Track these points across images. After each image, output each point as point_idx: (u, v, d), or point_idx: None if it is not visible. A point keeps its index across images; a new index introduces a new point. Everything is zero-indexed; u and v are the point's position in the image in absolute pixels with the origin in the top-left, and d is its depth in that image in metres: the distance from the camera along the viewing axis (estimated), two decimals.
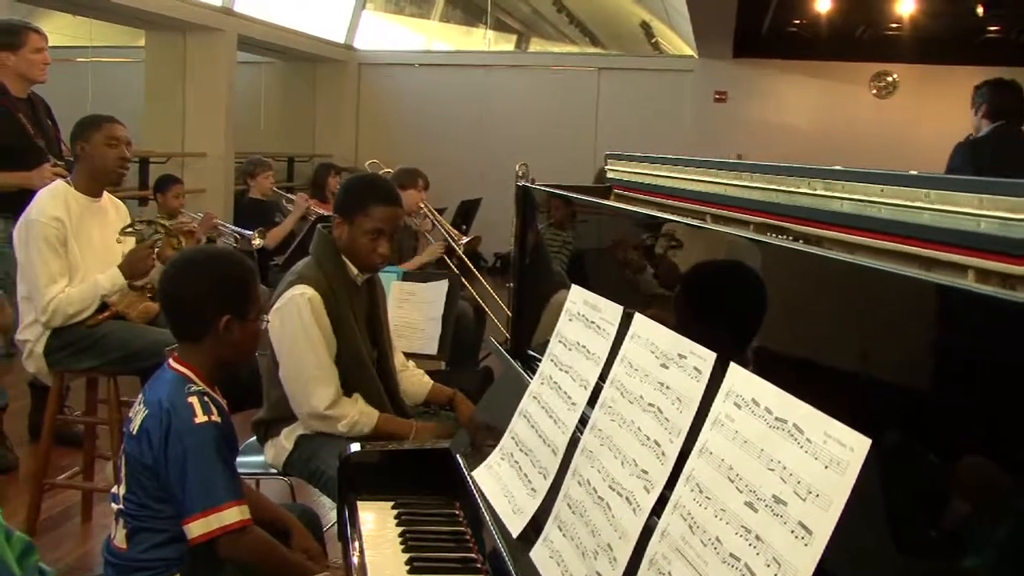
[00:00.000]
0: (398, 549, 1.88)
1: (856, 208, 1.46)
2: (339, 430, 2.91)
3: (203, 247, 3.77)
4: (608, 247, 2.04)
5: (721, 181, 1.85)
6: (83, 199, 3.82)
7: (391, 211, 3.01)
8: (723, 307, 1.45)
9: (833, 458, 1.01)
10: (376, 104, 12.90)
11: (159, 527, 2.24)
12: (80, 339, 3.76)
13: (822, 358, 1.19)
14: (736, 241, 1.44)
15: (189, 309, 2.31)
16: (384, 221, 2.97)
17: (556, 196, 2.32)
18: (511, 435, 1.86)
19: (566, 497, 1.54)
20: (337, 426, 2.92)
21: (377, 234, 2.96)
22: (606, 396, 1.54)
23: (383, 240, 2.98)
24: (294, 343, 2.91)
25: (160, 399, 2.23)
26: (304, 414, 2.95)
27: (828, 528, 0.99)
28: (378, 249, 2.97)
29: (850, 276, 1.14)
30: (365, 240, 2.96)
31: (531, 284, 2.42)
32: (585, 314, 1.76)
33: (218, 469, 2.19)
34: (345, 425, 2.91)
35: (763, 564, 1.04)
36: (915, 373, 1.02)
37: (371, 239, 2.96)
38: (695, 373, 1.33)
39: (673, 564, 1.18)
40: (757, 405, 1.15)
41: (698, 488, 1.20)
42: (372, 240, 2.96)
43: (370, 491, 2.14)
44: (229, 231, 6.46)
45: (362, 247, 2.97)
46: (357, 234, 2.96)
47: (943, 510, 0.96)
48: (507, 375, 2.21)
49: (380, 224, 2.96)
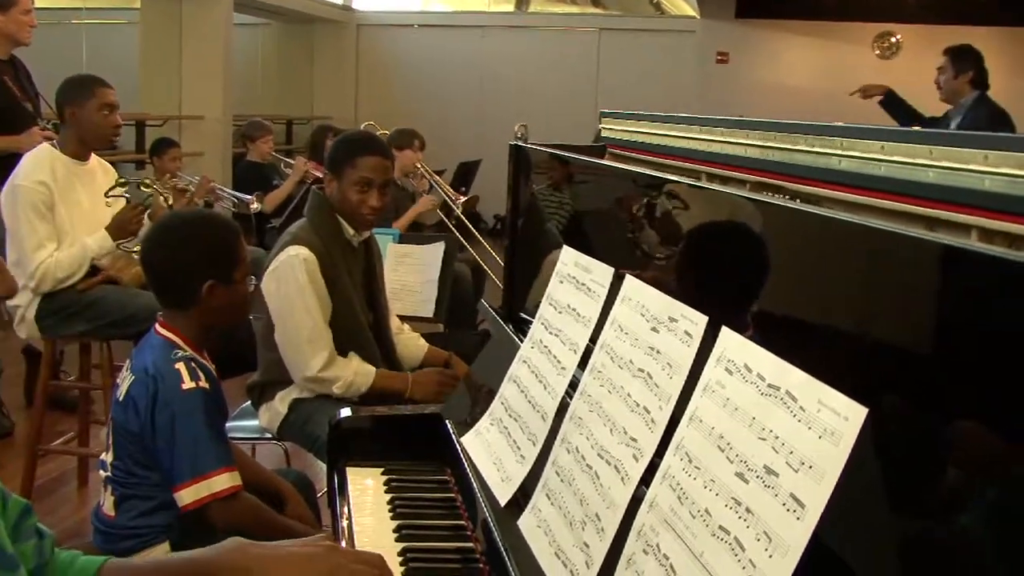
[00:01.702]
0: (387, 516, 1.85)
1: (856, 166, 1.41)
2: (335, 392, 2.89)
3: (184, 211, 3.72)
4: (603, 208, 1.99)
5: (717, 139, 1.80)
6: (70, 162, 3.76)
7: (377, 161, 2.97)
8: (717, 269, 1.41)
9: (827, 428, 0.97)
10: (375, 65, 12.79)
11: (147, 494, 2.22)
12: (71, 304, 3.73)
13: (818, 322, 1.15)
14: (731, 200, 1.39)
15: (172, 276, 2.27)
16: (371, 171, 2.94)
17: (550, 156, 2.26)
18: (501, 400, 1.81)
19: (555, 465, 1.51)
20: (332, 388, 2.90)
21: (366, 185, 2.93)
22: (596, 361, 1.50)
23: (373, 192, 2.94)
24: (289, 305, 2.88)
25: (146, 366, 2.19)
26: (300, 377, 2.93)
27: (821, 501, 0.94)
28: (368, 201, 2.94)
29: (848, 236, 1.09)
30: (354, 192, 2.93)
31: (524, 246, 2.38)
32: (576, 276, 1.71)
33: (206, 436, 2.16)
34: (340, 387, 2.89)
35: (753, 538, 1.00)
36: (916, 338, 0.97)
37: (359, 191, 2.93)
38: (686, 337, 1.28)
39: (661, 536, 1.14)
40: (749, 371, 1.10)
41: (687, 457, 1.15)
42: (361, 192, 2.93)
43: (360, 457, 2.10)
44: (227, 195, 6.40)
45: (352, 200, 2.94)
46: (346, 187, 2.94)
47: (944, 483, 0.92)
48: (499, 338, 2.17)
49: (367, 174, 2.93)
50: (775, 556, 0.97)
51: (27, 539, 1.28)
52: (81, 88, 3.81)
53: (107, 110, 3.79)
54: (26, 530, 1.29)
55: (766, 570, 0.97)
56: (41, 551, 1.31)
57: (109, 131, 3.84)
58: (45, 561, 1.31)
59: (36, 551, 1.29)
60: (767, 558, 0.97)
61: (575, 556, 1.33)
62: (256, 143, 7.31)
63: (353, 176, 2.92)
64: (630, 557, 1.19)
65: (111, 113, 3.81)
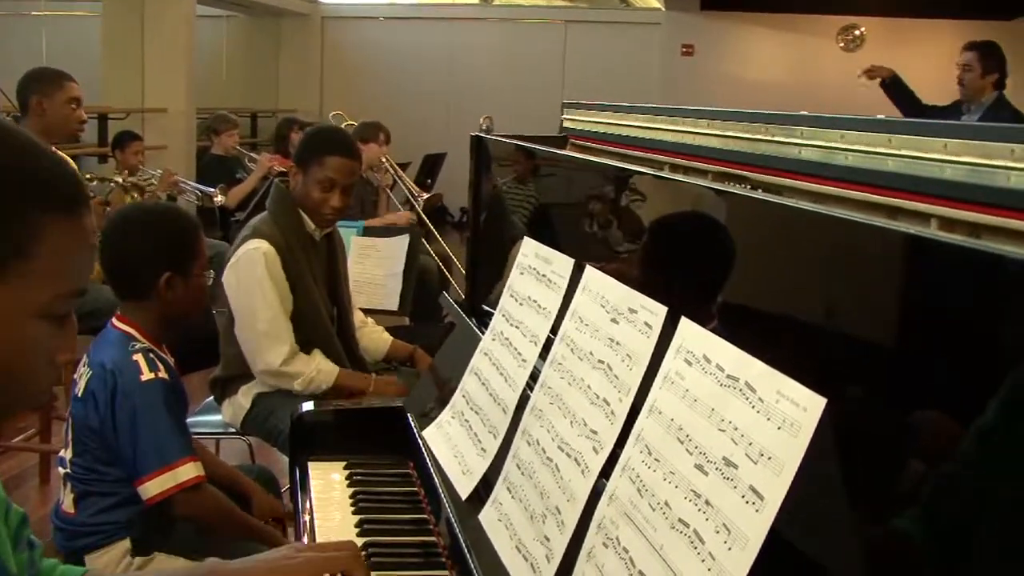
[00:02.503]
0: (348, 511, 1.83)
1: (817, 155, 1.41)
2: (295, 388, 2.87)
3: (142, 203, 3.69)
4: (567, 200, 1.98)
5: (678, 129, 1.79)
6: None
7: (346, 163, 2.94)
8: (677, 259, 1.40)
9: (786, 419, 0.96)
10: (340, 58, 12.70)
11: (107, 491, 2.19)
12: None
13: (779, 312, 1.14)
14: (692, 190, 1.39)
15: (129, 268, 2.25)
16: (338, 172, 2.91)
17: (515, 149, 2.25)
18: (462, 393, 1.80)
19: (515, 458, 1.49)
20: (293, 384, 2.87)
21: (330, 185, 2.91)
22: (556, 352, 1.48)
23: (336, 193, 2.92)
24: (248, 298, 2.85)
25: (103, 360, 2.17)
26: (259, 371, 2.90)
27: (780, 493, 0.93)
28: (330, 201, 2.92)
29: (809, 225, 1.08)
30: (317, 191, 2.90)
31: (488, 238, 2.36)
32: (536, 267, 1.70)
33: (169, 426, 2.14)
34: (301, 383, 2.86)
35: (712, 530, 0.99)
36: (877, 328, 0.97)
37: (323, 190, 2.90)
38: (645, 328, 1.27)
39: (621, 529, 1.13)
40: (708, 362, 1.09)
41: (647, 449, 1.14)
42: (324, 191, 2.91)
43: (322, 451, 2.08)
44: (190, 188, 6.34)
45: (314, 198, 2.92)
46: (310, 184, 2.91)
47: (904, 475, 0.91)
48: (461, 331, 2.15)
49: (333, 175, 2.90)
50: (734, 549, 0.96)
51: (23, 550, 1.28)
52: (50, 80, 3.77)
53: (74, 104, 3.77)
54: (23, 540, 1.28)
55: (725, 563, 0.96)
56: (33, 562, 1.30)
57: (75, 125, 3.84)
58: (36, 572, 1.31)
59: (28, 562, 1.29)
60: (726, 551, 0.97)
61: (536, 550, 1.32)
62: (221, 136, 7.25)
63: (318, 174, 2.90)
64: (590, 550, 1.18)
65: (78, 107, 3.79)
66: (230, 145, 7.24)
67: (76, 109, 3.78)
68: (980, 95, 5.24)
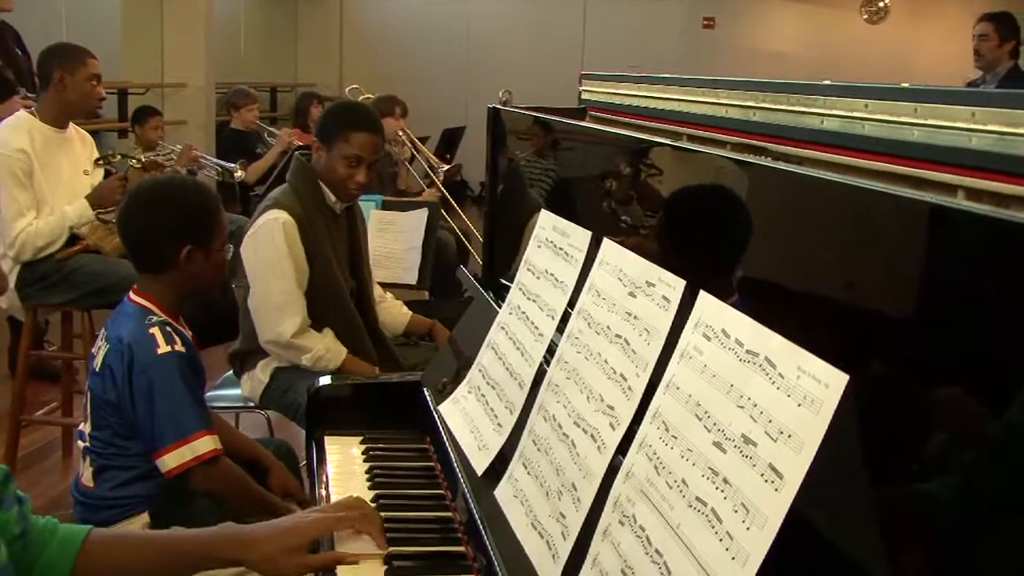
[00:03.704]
0: (364, 486, 1.82)
1: (839, 125, 1.37)
2: (303, 362, 2.87)
3: (163, 177, 3.68)
4: (585, 172, 1.96)
5: (698, 99, 1.76)
6: (48, 130, 3.71)
7: (371, 139, 2.94)
8: (696, 232, 1.37)
9: (807, 395, 0.93)
10: (360, 31, 12.64)
11: (126, 464, 2.19)
12: (51, 273, 3.69)
13: (800, 286, 1.11)
14: (711, 161, 1.36)
15: (150, 240, 2.24)
16: (363, 148, 2.90)
17: (533, 122, 2.22)
18: (478, 368, 1.78)
19: (531, 433, 1.48)
20: (302, 358, 2.87)
21: (356, 161, 2.90)
22: (573, 327, 1.46)
23: (361, 169, 2.91)
24: (264, 268, 2.85)
25: (120, 334, 2.17)
26: (268, 341, 2.90)
27: (800, 472, 0.91)
28: (355, 177, 2.91)
29: (831, 196, 1.05)
30: (342, 167, 2.90)
31: (505, 211, 2.34)
32: (554, 240, 1.68)
33: (186, 399, 2.14)
34: (309, 358, 2.86)
35: (730, 509, 0.97)
36: (901, 301, 0.94)
37: (348, 166, 2.89)
38: (663, 302, 1.25)
39: (637, 507, 1.11)
40: (727, 337, 1.07)
41: (664, 426, 1.12)
42: (349, 167, 2.90)
43: (339, 425, 2.08)
44: (210, 163, 6.33)
45: (339, 174, 2.91)
46: (335, 160, 2.90)
47: (928, 453, 0.88)
48: (478, 305, 2.13)
49: (359, 151, 2.89)
50: (753, 528, 0.94)
51: (9, 506, 1.28)
52: (72, 56, 3.78)
53: (95, 81, 3.79)
54: (8, 496, 1.28)
55: (744, 542, 0.94)
56: (24, 516, 1.31)
57: (95, 102, 3.87)
58: (27, 526, 1.31)
59: (19, 517, 1.29)
60: (745, 530, 0.95)
61: (551, 527, 1.30)
62: (240, 111, 7.25)
63: (345, 150, 2.89)
64: (606, 528, 1.16)
65: (98, 84, 3.81)
66: (250, 120, 7.24)
67: (96, 86, 3.80)
68: (996, 64, 5.19)
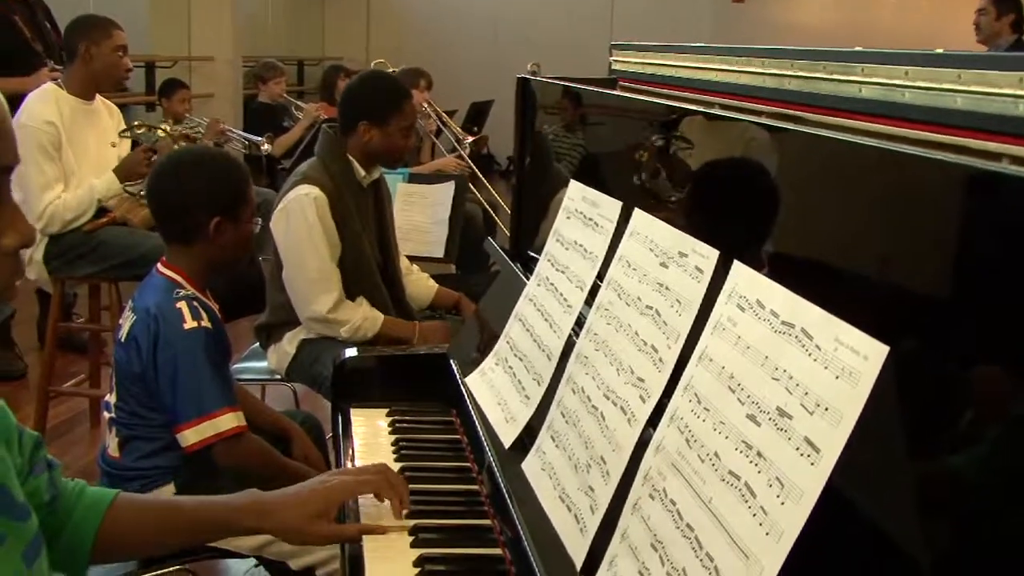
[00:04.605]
0: (391, 458, 1.81)
1: (878, 93, 1.34)
2: (341, 335, 2.87)
3: (193, 147, 3.67)
4: (616, 143, 1.93)
5: (731, 69, 1.72)
6: (75, 102, 3.71)
7: (412, 103, 3.09)
8: (729, 201, 1.34)
9: (845, 368, 0.90)
10: (387, 4, 12.58)
11: (151, 435, 2.19)
12: (78, 245, 3.70)
13: (837, 256, 1.08)
14: (744, 129, 1.33)
15: (179, 211, 2.24)
16: (412, 113, 3.07)
17: (562, 95, 2.19)
18: (506, 339, 1.77)
19: (560, 406, 1.46)
20: (340, 331, 2.87)
21: (410, 128, 3.06)
22: (603, 298, 1.44)
23: (411, 133, 3.12)
24: (297, 244, 2.85)
25: (148, 306, 2.16)
26: (306, 318, 2.91)
27: (838, 446, 0.88)
28: (410, 142, 3.12)
29: (869, 163, 1.02)
30: (402, 137, 3.01)
31: (533, 182, 2.31)
32: (583, 211, 1.65)
33: (209, 375, 2.13)
34: (348, 330, 2.87)
35: (764, 483, 0.94)
36: (942, 271, 0.91)
37: (404, 135, 3.02)
38: (696, 273, 1.22)
39: (668, 480, 1.09)
40: (762, 307, 1.04)
41: (696, 398, 1.10)
42: (405, 136, 3.03)
43: (365, 397, 2.07)
44: (237, 136, 6.33)
45: (399, 145, 3.02)
46: (394, 134, 2.98)
47: (970, 428, 0.86)
48: (506, 277, 2.11)
49: (411, 117, 3.05)
50: (788, 503, 0.91)
51: (40, 472, 1.28)
52: (98, 28, 3.78)
53: (121, 52, 3.79)
54: (39, 462, 1.28)
55: (778, 517, 0.92)
56: (53, 482, 1.31)
57: (121, 73, 3.88)
58: (57, 492, 1.31)
59: (49, 483, 1.29)
60: (779, 505, 0.92)
61: (579, 500, 1.28)
62: (268, 84, 7.25)
63: (402, 122, 2.98)
64: (636, 502, 1.14)
65: (124, 55, 3.81)
66: (276, 93, 7.24)
67: (123, 57, 3.81)
68: (997, 38, 5.13)
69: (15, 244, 1.02)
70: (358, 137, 2.95)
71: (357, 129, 2.94)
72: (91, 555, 1.34)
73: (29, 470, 1.25)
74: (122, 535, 1.36)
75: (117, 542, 1.36)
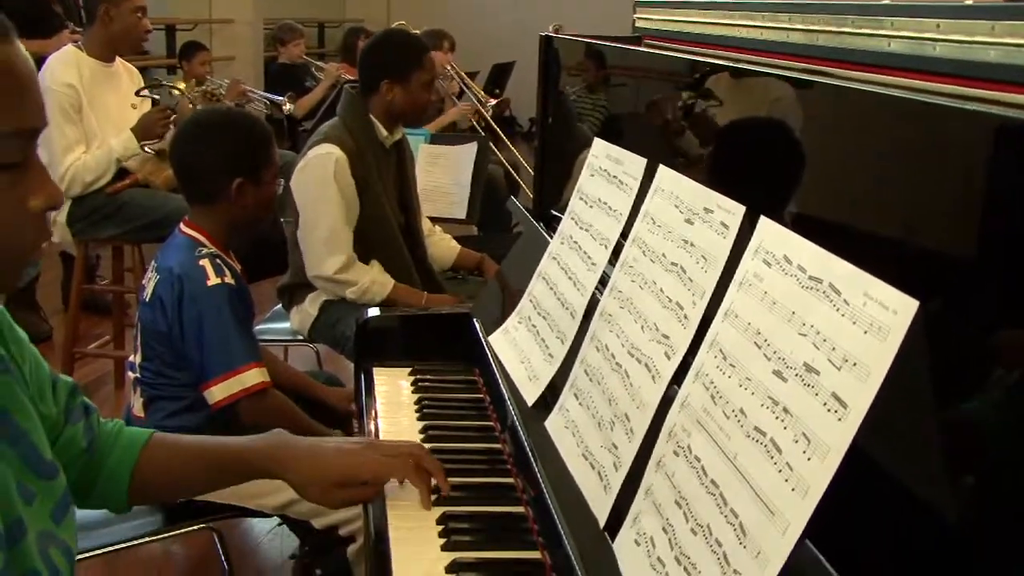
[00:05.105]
0: (413, 417, 1.81)
1: (907, 47, 1.31)
2: (348, 296, 2.87)
3: (216, 108, 3.67)
4: (639, 102, 1.91)
5: (757, 24, 1.70)
6: (95, 64, 3.71)
7: (431, 57, 3.09)
8: (756, 157, 1.33)
9: (874, 322, 0.89)
10: None
11: (175, 395, 2.21)
12: (101, 207, 3.71)
13: (866, 211, 1.07)
14: (770, 84, 1.31)
15: (201, 172, 2.24)
16: (433, 68, 3.06)
17: (585, 55, 2.17)
18: (529, 298, 1.76)
19: (583, 363, 1.45)
20: (347, 292, 2.88)
21: (432, 82, 3.07)
22: (627, 255, 1.43)
23: (432, 86, 3.10)
24: (312, 203, 2.86)
25: (171, 265, 2.17)
26: (313, 276, 2.92)
27: (865, 401, 0.87)
28: (432, 97, 3.14)
29: (898, 115, 1.00)
30: (425, 93, 3.02)
31: (556, 142, 2.30)
32: (607, 169, 1.64)
33: (235, 331, 2.14)
34: (355, 291, 2.87)
35: (790, 439, 0.94)
36: (973, 226, 0.89)
37: (427, 90, 3.03)
38: (722, 229, 1.21)
39: (693, 437, 1.08)
40: (789, 263, 1.03)
41: (722, 355, 1.09)
42: (428, 91, 3.04)
43: (388, 357, 2.06)
44: (258, 97, 6.32)
45: (423, 100, 3.03)
46: (417, 90, 2.98)
47: (998, 385, 0.84)
48: (529, 236, 2.11)
49: (432, 72, 3.05)
50: (814, 459, 0.90)
51: (77, 419, 1.29)
52: None
53: (140, 13, 3.77)
54: (75, 410, 1.29)
55: (804, 473, 0.91)
56: (90, 427, 1.31)
57: (141, 35, 3.86)
58: (94, 436, 1.32)
59: (86, 429, 1.30)
60: (805, 461, 0.91)
61: (603, 457, 1.28)
62: (287, 46, 7.21)
63: (424, 77, 2.98)
64: (660, 459, 1.14)
65: (143, 16, 3.79)
66: (296, 55, 7.20)
67: (141, 18, 3.79)
68: None
69: (42, 206, 1.02)
70: (381, 96, 2.94)
71: (379, 89, 2.93)
72: (129, 494, 1.36)
73: (65, 419, 1.26)
74: (156, 474, 1.37)
75: (152, 481, 1.37)
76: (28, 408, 1.12)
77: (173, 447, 1.42)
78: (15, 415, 1.09)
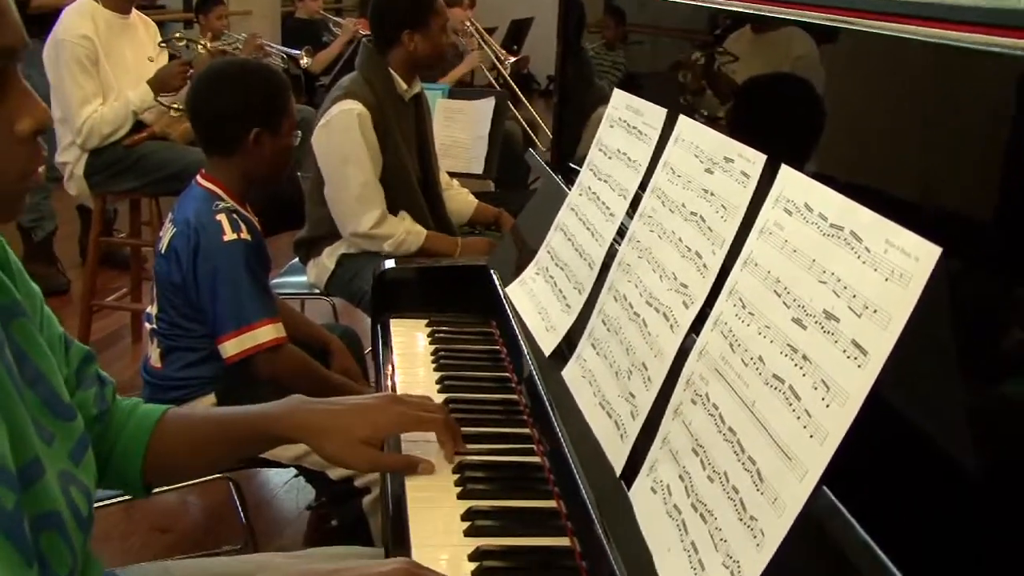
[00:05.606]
0: (430, 367, 1.81)
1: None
2: (385, 249, 2.88)
3: (234, 58, 3.66)
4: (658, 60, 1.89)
5: None
6: (111, 16, 3.69)
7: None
8: (777, 106, 1.31)
9: (895, 269, 0.88)
10: None
11: (192, 346, 2.22)
12: (118, 160, 3.71)
13: (889, 160, 1.06)
14: (789, 31, 1.29)
15: (219, 121, 2.24)
16: (445, 11, 3.06)
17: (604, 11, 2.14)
18: (547, 249, 1.75)
19: (601, 313, 1.45)
20: (384, 245, 2.88)
21: (445, 26, 3.08)
22: (646, 206, 1.42)
23: (447, 27, 3.14)
24: (341, 161, 2.85)
25: (188, 217, 2.17)
26: (349, 233, 2.92)
27: (885, 349, 0.86)
28: (448, 41, 3.19)
29: (922, 60, 0.99)
30: (442, 36, 3.03)
31: (574, 96, 2.28)
32: (627, 119, 1.62)
33: (249, 287, 2.14)
34: (391, 244, 2.87)
35: (809, 386, 0.93)
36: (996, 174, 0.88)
37: (444, 31, 3.06)
38: (742, 178, 1.20)
39: (711, 385, 1.08)
40: (810, 211, 1.02)
41: (741, 303, 1.08)
42: (445, 32, 3.08)
43: (404, 309, 2.06)
44: (275, 51, 6.29)
45: (441, 45, 3.06)
46: (434, 35, 2.98)
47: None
48: (547, 188, 2.10)
49: (445, 13, 3.06)
50: (833, 406, 0.90)
51: (88, 386, 1.27)
52: None
53: None
54: (88, 377, 1.28)
55: (822, 420, 0.90)
56: (102, 398, 1.29)
57: None
58: (106, 408, 1.30)
59: (97, 398, 1.28)
60: (824, 408, 0.91)
61: (620, 407, 1.28)
62: (305, 1, 7.17)
63: (439, 21, 2.99)
64: (677, 407, 1.14)
65: None
66: (313, 9, 7.18)
67: None
68: None
69: (30, 128, 0.97)
70: (403, 48, 2.92)
71: (400, 40, 2.91)
72: (144, 473, 1.32)
73: (76, 383, 1.24)
74: (171, 448, 1.33)
75: (168, 456, 1.34)
76: (45, 350, 1.11)
77: (188, 421, 1.38)
78: (34, 358, 1.09)
